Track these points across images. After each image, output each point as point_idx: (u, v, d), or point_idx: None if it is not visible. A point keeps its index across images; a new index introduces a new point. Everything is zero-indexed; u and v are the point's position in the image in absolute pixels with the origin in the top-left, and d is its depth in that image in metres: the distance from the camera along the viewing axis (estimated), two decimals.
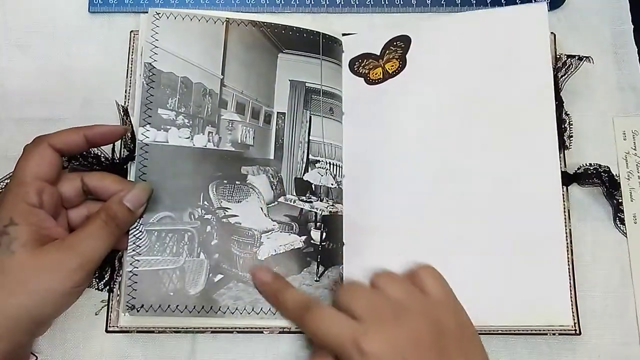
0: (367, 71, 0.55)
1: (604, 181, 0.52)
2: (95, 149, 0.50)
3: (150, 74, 0.51)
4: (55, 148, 0.45)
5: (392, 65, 0.54)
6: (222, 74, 0.53)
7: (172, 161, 0.50)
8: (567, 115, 0.53)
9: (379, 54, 0.55)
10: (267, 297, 0.48)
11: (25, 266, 0.41)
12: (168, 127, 0.51)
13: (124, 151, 0.50)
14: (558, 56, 0.54)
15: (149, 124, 0.50)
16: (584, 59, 0.53)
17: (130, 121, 0.51)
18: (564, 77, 0.53)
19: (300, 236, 0.51)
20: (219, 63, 0.53)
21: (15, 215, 0.42)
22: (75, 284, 0.43)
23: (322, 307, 0.44)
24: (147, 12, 0.52)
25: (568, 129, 0.53)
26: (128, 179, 0.50)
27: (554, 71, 0.53)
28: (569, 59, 0.53)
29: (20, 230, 0.42)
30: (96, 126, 0.47)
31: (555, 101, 0.52)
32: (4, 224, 0.42)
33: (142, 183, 0.48)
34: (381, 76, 0.55)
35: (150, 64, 0.51)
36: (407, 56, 0.54)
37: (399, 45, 0.55)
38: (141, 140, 0.50)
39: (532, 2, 0.57)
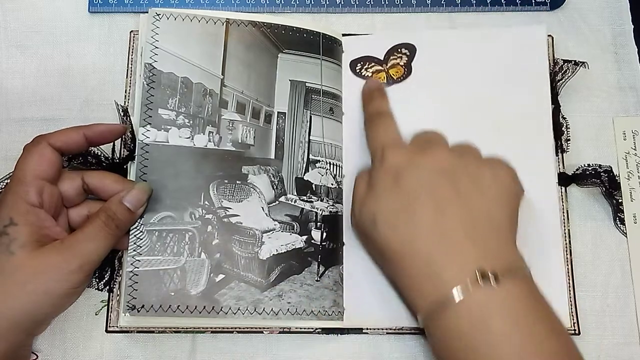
0: (370, 74, 0.55)
1: (603, 181, 0.52)
2: (95, 148, 0.50)
3: (151, 74, 0.51)
4: (55, 147, 0.45)
5: (397, 72, 0.55)
6: (223, 74, 0.53)
7: (173, 161, 0.50)
8: (564, 119, 0.53)
9: (382, 58, 0.55)
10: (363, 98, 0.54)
11: (24, 268, 0.41)
12: (168, 127, 0.51)
13: (124, 151, 0.50)
14: (555, 61, 0.54)
15: (150, 124, 0.50)
16: (580, 64, 0.53)
17: (130, 121, 0.51)
18: (560, 82, 0.53)
19: (301, 236, 0.51)
20: (219, 63, 0.53)
21: (15, 215, 0.42)
22: (74, 285, 0.43)
23: (385, 120, 0.51)
24: (147, 12, 0.52)
25: (565, 132, 0.53)
26: (128, 176, 0.50)
27: (550, 75, 0.53)
28: (566, 64, 0.53)
29: (20, 230, 0.42)
30: (95, 125, 0.47)
31: (552, 104, 0.52)
32: (3, 224, 0.42)
33: (141, 183, 0.48)
34: (385, 81, 0.55)
35: (150, 64, 0.51)
36: (412, 64, 0.55)
37: (404, 53, 0.55)
38: (141, 141, 0.50)
39: (532, 3, 0.57)
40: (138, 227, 0.48)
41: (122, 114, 0.51)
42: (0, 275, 0.41)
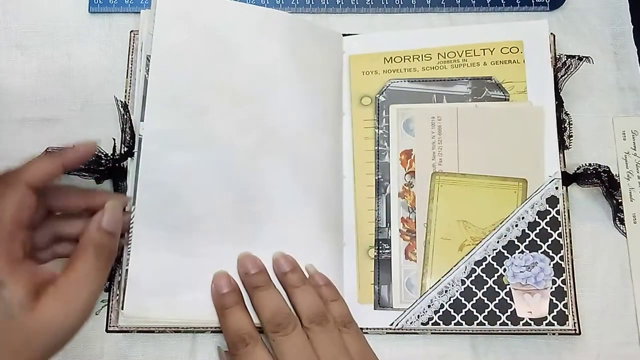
0: None
1: (603, 181, 0.52)
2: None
3: None
4: (33, 187, 0.41)
5: None
6: None
7: None
8: (567, 115, 0.53)
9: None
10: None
11: (27, 328, 0.38)
12: None
13: (123, 147, 0.50)
14: (558, 56, 0.54)
15: None
16: (584, 59, 0.53)
17: (130, 118, 0.51)
18: (563, 77, 0.53)
19: None
20: None
21: (3, 277, 0.38)
22: (80, 324, 0.40)
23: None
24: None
25: (568, 128, 0.53)
26: (127, 175, 0.50)
27: (553, 71, 0.53)
28: (569, 59, 0.53)
29: (13, 291, 0.38)
30: (70, 150, 0.44)
31: (555, 101, 0.52)
32: None
33: (111, 201, 0.44)
34: None
35: (151, 56, 0.51)
36: None
37: None
38: (141, 136, 0.50)
39: (532, 3, 0.57)
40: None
41: (122, 111, 0.51)
42: (4, 334, 0.38)
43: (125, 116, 0.51)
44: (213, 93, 0.50)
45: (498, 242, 0.51)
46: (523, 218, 0.51)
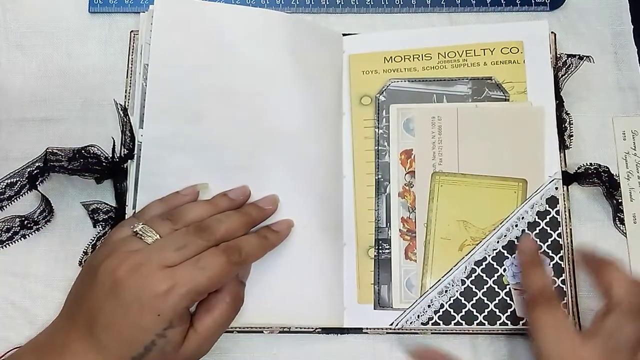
0: None
1: (604, 181, 0.52)
2: (95, 148, 0.50)
3: None
4: None
5: None
6: None
7: None
8: (567, 114, 0.53)
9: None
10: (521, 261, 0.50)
11: None
12: None
13: (123, 150, 0.50)
14: (558, 55, 0.54)
15: None
16: (585, 58, 0.53)
17: (130, 120, 0.51)
18: (564, 77, 0.53)
19: None
20: None
21: (175, 319, 0.41)
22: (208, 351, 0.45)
23: (555, 309, 0.45)
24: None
25: (568, 128, 0.53)
26: (128, 177, 0.50)
27: (554, 70, 0.53)
28: (570, 59, 0.53)
29: (176, 332, 0.42)
30: None
31: (556, 100, 0.52)
32: (163, 327, 0.41)
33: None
34: None
35: (149, 64, 0.51)
36: None
37: None
38: (140, 142, 0.50)
39: (532, 3, 0.57)
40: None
41: (121, 114, 0.51)
42: None
43: (125, 119, 0.51)
44: (212, 96, 0.51)
45: (498, 242, 0.51)
46: (523, 218, 0.51)
